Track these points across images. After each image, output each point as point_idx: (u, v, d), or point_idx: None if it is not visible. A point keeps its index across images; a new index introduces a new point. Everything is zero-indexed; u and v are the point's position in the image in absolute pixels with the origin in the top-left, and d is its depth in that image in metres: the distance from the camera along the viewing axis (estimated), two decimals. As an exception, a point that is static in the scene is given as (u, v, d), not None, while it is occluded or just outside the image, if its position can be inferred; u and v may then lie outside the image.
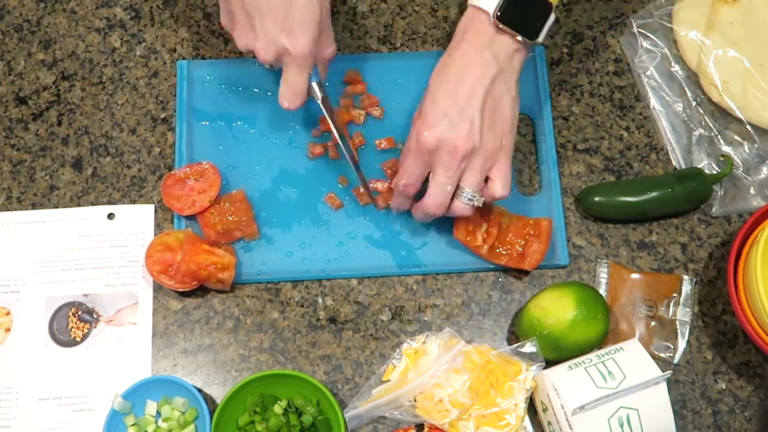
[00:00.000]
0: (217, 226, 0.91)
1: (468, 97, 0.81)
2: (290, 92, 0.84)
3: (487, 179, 0.84)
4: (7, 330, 0.90)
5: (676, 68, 0.99)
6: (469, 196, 0.83)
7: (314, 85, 0.86)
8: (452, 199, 0.84)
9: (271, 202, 0.94)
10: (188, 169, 0.93)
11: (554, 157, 0.95)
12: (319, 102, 0.87)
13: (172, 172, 0.93)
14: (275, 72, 0.95)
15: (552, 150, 0.96)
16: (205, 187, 0.92)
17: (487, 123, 0.82)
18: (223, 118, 0.97)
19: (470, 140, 0.80)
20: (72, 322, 0.90)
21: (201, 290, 0.91)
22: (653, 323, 0.91)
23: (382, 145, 0.96)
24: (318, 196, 0.94)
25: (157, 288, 0.91)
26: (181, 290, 0.89)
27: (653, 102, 0.98)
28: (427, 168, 0.83)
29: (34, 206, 0.95)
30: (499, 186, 0.83)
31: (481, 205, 0.85)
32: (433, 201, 0.83)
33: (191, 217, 0.92)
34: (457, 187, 0.83)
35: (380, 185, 0.94)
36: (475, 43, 0.82)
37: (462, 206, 0.84)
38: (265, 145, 0.96)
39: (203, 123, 0.96)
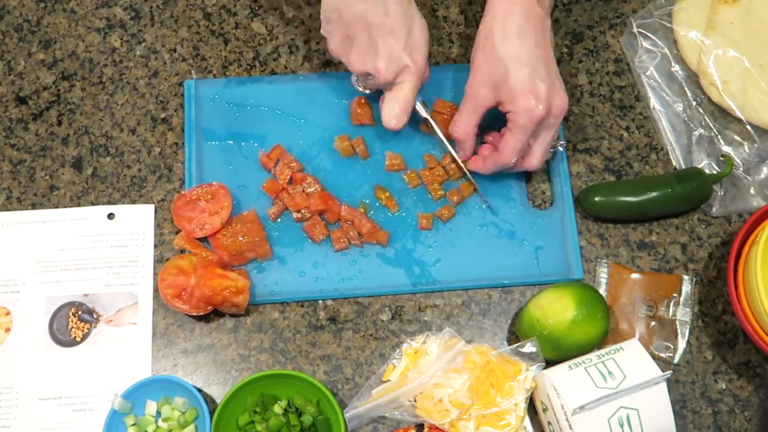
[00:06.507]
0: (229, 247, 0.90)
1: (549, 59, 0.86)
2: (401, 109, 0.89)
3: None
4: (7, 330, 0.90)
5: (676, 68, 0.99)
6: (552, 143, 0.90)
7: (419, 104, 0.91)
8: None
9: (283, 221, 0.94)
10: (199, 190, 0.92)
11: (566, 170, 0.95)
12: (428, 117, 0.92)
13: (183, 193, 0.92)
14: (284, 89, 0.97)
15: (564, 163, 0.96)
16: (217, 208, 0.92)
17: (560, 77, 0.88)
18: (231, 137, 0.96)
19: (565, 99, 0.86)
20: (72, 322, 0.90)
21: (201, 290, 0.91)
22: (653, 323, 0.91)
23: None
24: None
25: (157, 288, 0.91)
26: (195, 314, 0.89)
27: (653, 102, 0.98)
28: (530, 138, 0.87)
29: (34, 206, 0.95)
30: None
31: (560, 150, 0.95)
32: (539, 161, 0.89)
33: (203, 239, 0.92)
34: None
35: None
36: (527, 3, 0.84)
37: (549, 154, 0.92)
38: (275, 164, 0.96)
39: (212, 143, 0.96)
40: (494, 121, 0.90)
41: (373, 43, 0.85)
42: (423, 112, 0.92)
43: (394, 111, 0.89)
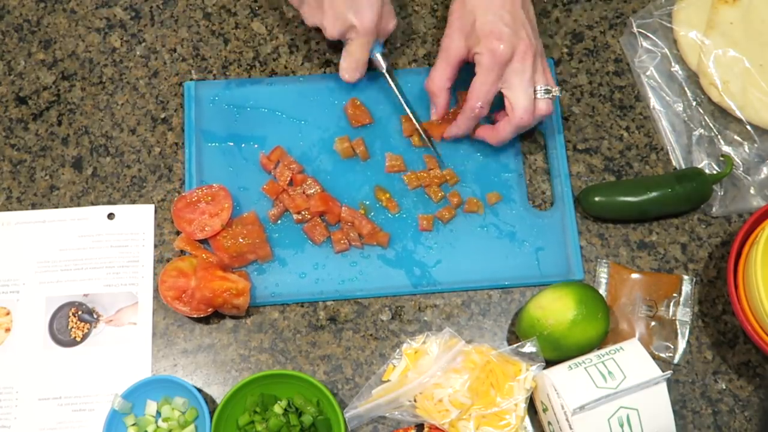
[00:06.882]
0: (230, 249, 0.90)
1: (516, 12, 0.87)
2: (353, 65, 0.92)
3: None
4: (7, 330, 0.90)
5: (676, 68, 0.99)
6: (544, 90, 0.88)
7: (379, 56, 0.93)
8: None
9: (284, 223, 0.94)
10: (199, 191, 0.92)
11: (566, 171, 0.95)
12: (384, 71, 0.94)
13: (183, 195, 0.92)
14: (284, 90, 0.97)
15: (564, 164, 0.96)
16: (217, 210, 0.92)
17: (532, 28, 0.88)
18: (231, 138, 0.96)
19: (531, 44, 0.87)
20: (72, 322, 0.90)
21: (201, 290, 0.91)
22: (653, 323, 0.91)
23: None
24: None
25: (157, 288, 0.91)
26: (195, 316, 0.89)
27: (653, 102, 0.98)
28: (499, 83, 0.87)
29: (34, 206, 0.95)
30: (552, 84, 0.89)
31: (559, 95, 0.91)
32: (524, 109, 0.87)
33: (203, 240, 0.92)
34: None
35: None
36: None
37: (544, 103, 0.88)
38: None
39: (212, 144, 0.96)
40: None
41: (319, 2, 0.88)
42: (381, 66, 0.93)
43: (347, 66, 0.92)
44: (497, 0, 0.87)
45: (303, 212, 0.92)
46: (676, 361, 0.90)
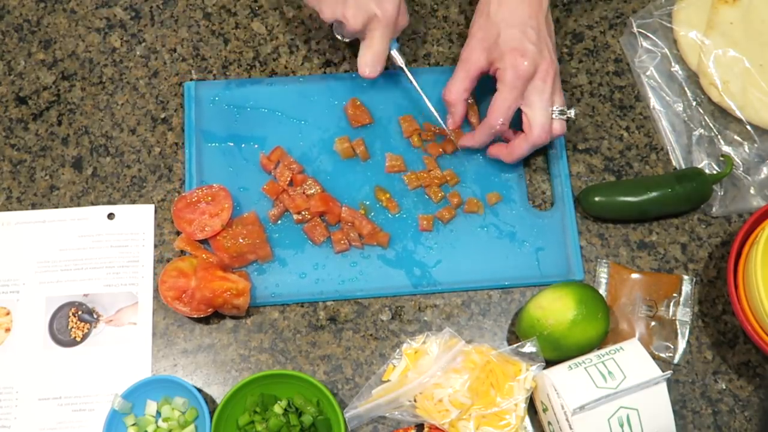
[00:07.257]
0: (230, 249, 0.90)
1: (540, 29, 0.88)
2: (373, 58, 0.90)
3: None
4: (7, 330, 0.90)
5: (676, 68, 0.99)
6: (559, 111, 0.88)
7: (395, 51, 0.92)
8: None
9: (284, 223, 0.94)
10: (199, 191, 0.92)
11: (566, 172, 0.95)
12: (403, 65, 0.93)
13: (183, 195, 0.92)
14: (284, 90, 0.97)
15: (564, 164, 0.96)
16: (217, 210, 0.91)
17: (552, 46, 0.90)
18: (232, 139, 0.96)
19: (553, 63, 0.87)
20: (72, 322, 0.90)
21: (201, 290, 0.91)
22: (653, 323, 0.91)
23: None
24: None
25: (157, 288, 0.91)
26: (195, 317, 0.89)
27: (653, 102, 0.98)
28: (520, 100, 0.87)
29: (34, 206, 0.95)
30: (564, 105, 0.90)
31: (573, 117, 0.91)
32: (542, 127, 0.87)
33: (203, 241, 0.92)
34: None
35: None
36: None
37: (559, 124, 0.88)
38: (275, 165, 0.96)
39: (212, 145, 0.96)
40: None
41: None
42: (399, 61, 0.93)
43: (367, 60, 0.90)
44: (523, 15, 0.87)
45: (303, 212, 0.92)
46: (676, 361, 0.90)
